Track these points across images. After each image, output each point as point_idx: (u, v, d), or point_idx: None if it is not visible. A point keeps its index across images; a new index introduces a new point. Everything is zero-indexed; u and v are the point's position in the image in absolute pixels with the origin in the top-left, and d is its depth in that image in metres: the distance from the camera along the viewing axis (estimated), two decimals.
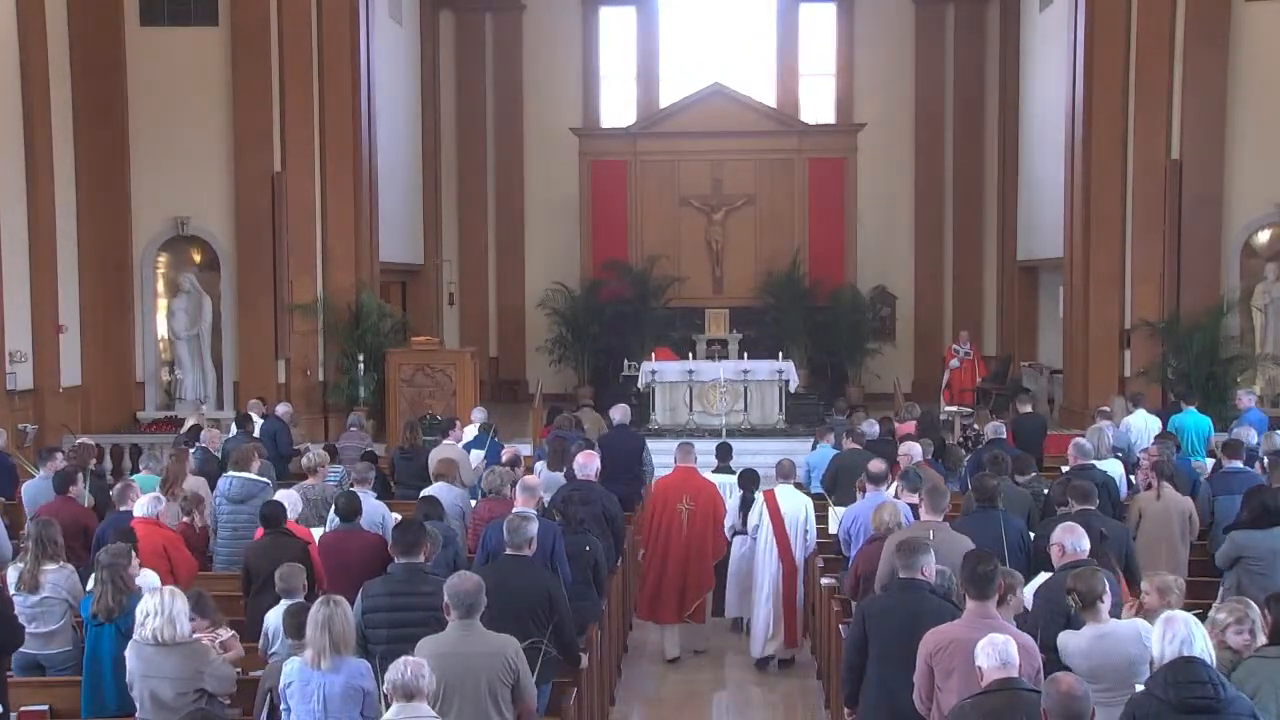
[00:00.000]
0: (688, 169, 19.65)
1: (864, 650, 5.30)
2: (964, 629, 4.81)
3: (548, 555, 6.57)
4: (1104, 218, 15.54)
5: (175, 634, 5.13)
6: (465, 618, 4.90)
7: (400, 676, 4.33)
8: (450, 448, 9.89)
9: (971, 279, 20.82)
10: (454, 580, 4.96)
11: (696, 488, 8.95)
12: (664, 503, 8.92)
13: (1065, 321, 16.65)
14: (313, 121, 15.62)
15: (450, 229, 21.12)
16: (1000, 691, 4.28)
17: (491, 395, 19.92)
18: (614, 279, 19.28)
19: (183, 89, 15.48)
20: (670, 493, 8.94)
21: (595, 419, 12.46)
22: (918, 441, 9.41)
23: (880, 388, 19.04)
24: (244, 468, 8.42)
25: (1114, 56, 15.37)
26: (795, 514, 8.63)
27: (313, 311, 15.72)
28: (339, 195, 15.88)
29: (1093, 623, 5.01)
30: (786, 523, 8.58)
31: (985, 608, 4.87)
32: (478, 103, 21.07)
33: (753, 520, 8.74)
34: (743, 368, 15.99)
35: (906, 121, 20.80)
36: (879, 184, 20.31)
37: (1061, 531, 5.77)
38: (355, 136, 15.96)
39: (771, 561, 8.60)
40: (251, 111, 15.32)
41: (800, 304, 18.87)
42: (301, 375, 15.77)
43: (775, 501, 8.70)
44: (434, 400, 14.82)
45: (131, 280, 15.68)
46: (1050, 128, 17.38)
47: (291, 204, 15.51)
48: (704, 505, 8.87)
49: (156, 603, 5.15)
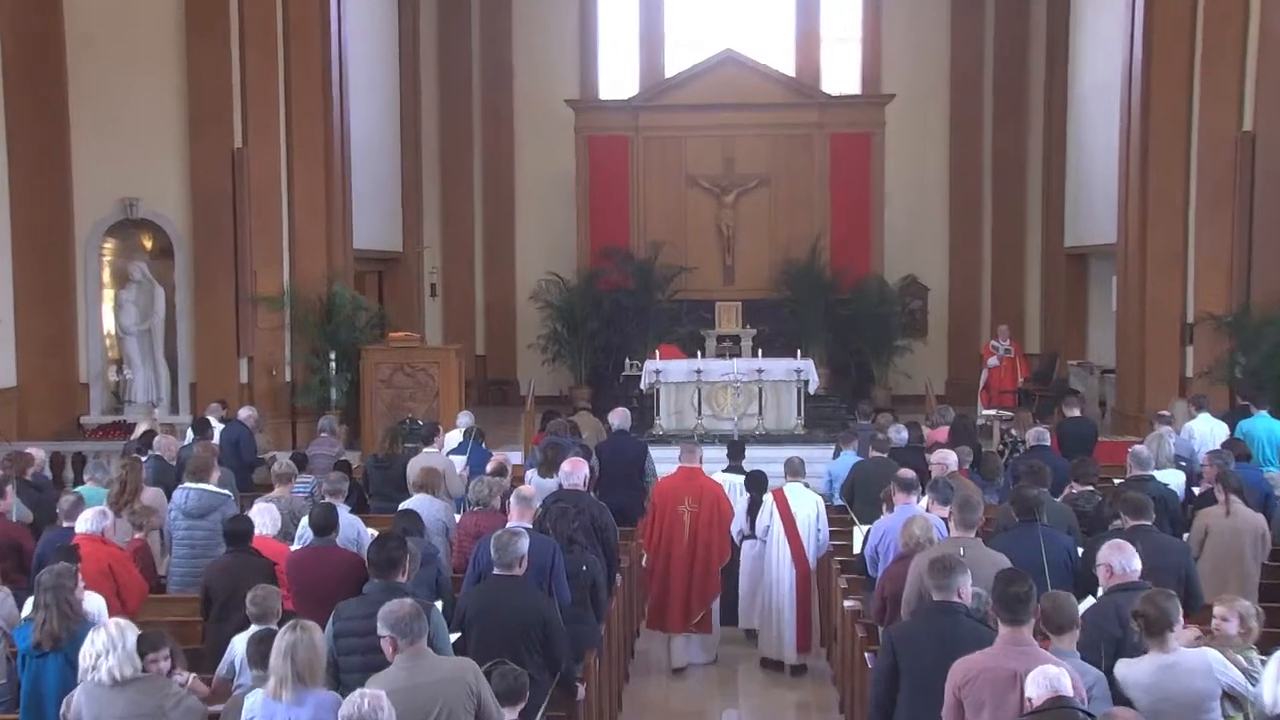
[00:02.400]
0: (696, 146, 19.64)
1: (894, 682, 5.25)
2: (994, 657, 4.78)
3: (545, 575, 6.60)
4: (1164, 197, 15.45)
5: (135, 669, 5.12)
6: (413, 645, 4.88)
7: (357, 711, 4.29)
8: (433, 456, 9.92)
9: (1012, 268, 20.80)
10: (389, 607, 4.93)
11: (700, 489, 9.11)
12: (665, 505, 9.11)
13: (1119, 314, 16.60)
14: (278, 91, 15.59)
15: (432, 213, 21.12)
16: (1052, 711, 4.27)
17: (478, 397, 19.97)
18: (614, 269, 19.29)
19: (130, 51, 15.37)
20: (671, 495, 9.12)
21: (593, 424, 12.49)
22: (951, 449, 9.41)
23: (910, 389, 19.04)
24: (202, 478, 8.39)
25: (1178, 14, 15.11)
26: (806, 513, 8.89)
27: (279, 304, 15.72)
28: (308, 174, 15.86)
29: (1158, 652, 4.97)
30: (798, 522, 8.82)
31: (1019, 633, 4.82)
32: (462, 72, 21.06)
33: (762, 522, 9.00)
34: (757, 367, 15.99)
35: (940, 92, 20.77)
36: (909, 162, 20.29)
37: (1109, 550, 5.74)
38: (326, 109, 15.93)
39: (784, 564, 8.82)
40: (209, 79, 15.25)
41: (821, 296, 18.87)
42: (266, 375, 15.75)
43: (785, 500, 8.92)
44: (414, 403, 14.80)
45: (73, 269, 15.63)
46: (1103, 96, 17.33)
47: (254, 184, 15.47)
48: (708, 508, 9.04)
49: (106, 640, 5.11)
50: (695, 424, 15.85)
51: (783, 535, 8.94)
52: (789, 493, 9.03)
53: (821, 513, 9.03)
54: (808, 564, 8.96)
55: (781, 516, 8.91)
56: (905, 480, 7.78)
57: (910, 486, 7.73)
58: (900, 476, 7.86)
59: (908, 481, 7.77)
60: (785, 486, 9.10)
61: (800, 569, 8.93)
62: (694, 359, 16.47)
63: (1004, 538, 6.97)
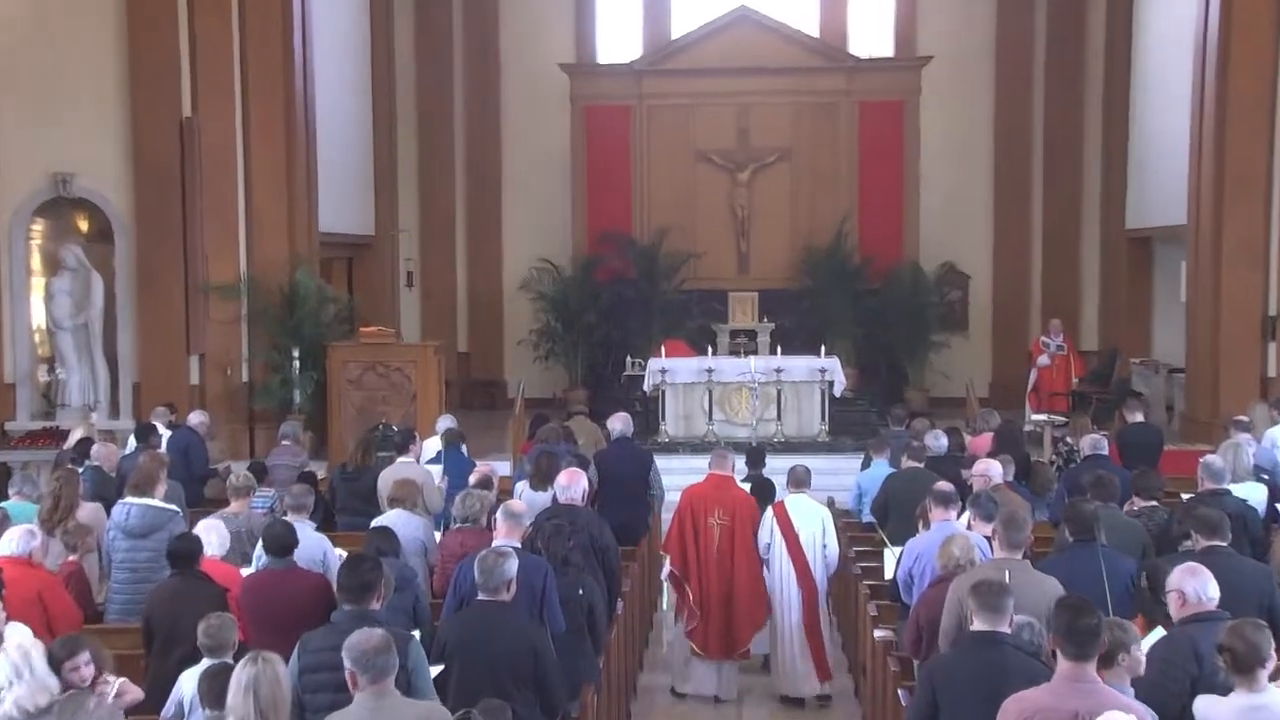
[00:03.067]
0: (707, 117, 19.64)
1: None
2: (1054, 696, 4.74)
3: (536, 600, 6.60)
4: (1242, 174, 15.43)
5: (52, 693, 5.09)
6: (376, 683, 4.86)
7: None
8: (408, 466, 9.94)
9: (1066, 253, 20.77)
10: (355, 637, 4.91)
11: (733, 501, 9.17)
12: (693, 515, 9.15)
13: (1189, 307, 16.59)
14: (232, 52, 15.60)
15: (408, 192, 21.14)
16: None
17: (461, 400, 19.97)
18: (614, 255, 19.31)
19: (61, 2, 15.29)
20: (701, 504, 9.16)
21: (590, 430, 12.53)
22: (995, 459, 9.39)
23: (948, 391, 19.03)
24: (146, 492, 8.37)
25: None
26: (810, 528, 8.99)
27: (234, 294, 15.73)
28: (267, 147, 15.86)
29: (1246, 691, 4.95)
30: (801, 539, 8.93)
31: (1082, 670, 4.80)
32: (442, 34, 21.07)
33: (763, 539, 9.10)
34: (775, 366, 15.99)
35: (985, 55, 20.74)
36: (948, 134, 20.27)
37: (1182, 575, 5.71)
38: (287, 72, 15.93)
39: (790, 585, 8.95)
40: (153, 36, 15.22)
41: (847, 286, 18.89)
42: (220, 375, 15.78)
43: (786, 514, 9.01)
44: (388, 407, 14.81)
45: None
46: (1173, 61, 17.29)
47: (206, 157, 15.47)
48: (742, 522, 9.10)
49: (9, 670, 5.07)
50: (706, 430, 15.88)
51: (785, 553, 9.01)
52: (790, 506, 9.09)
53: (829, 528, 9.09)
54: (815, 585, 9.03)
55: (783, 532, 8.99)
56: (943, 493, 7.76)
57: (949, 500, 7.72)
58: (937, 489, 7.85)
59: (946, 495, 7.75)
60: (787, 499, 9.17)
61: (806, 591, 9.01)
62: (704, 357, 16.48)
63: (1057, 559, 6.93)
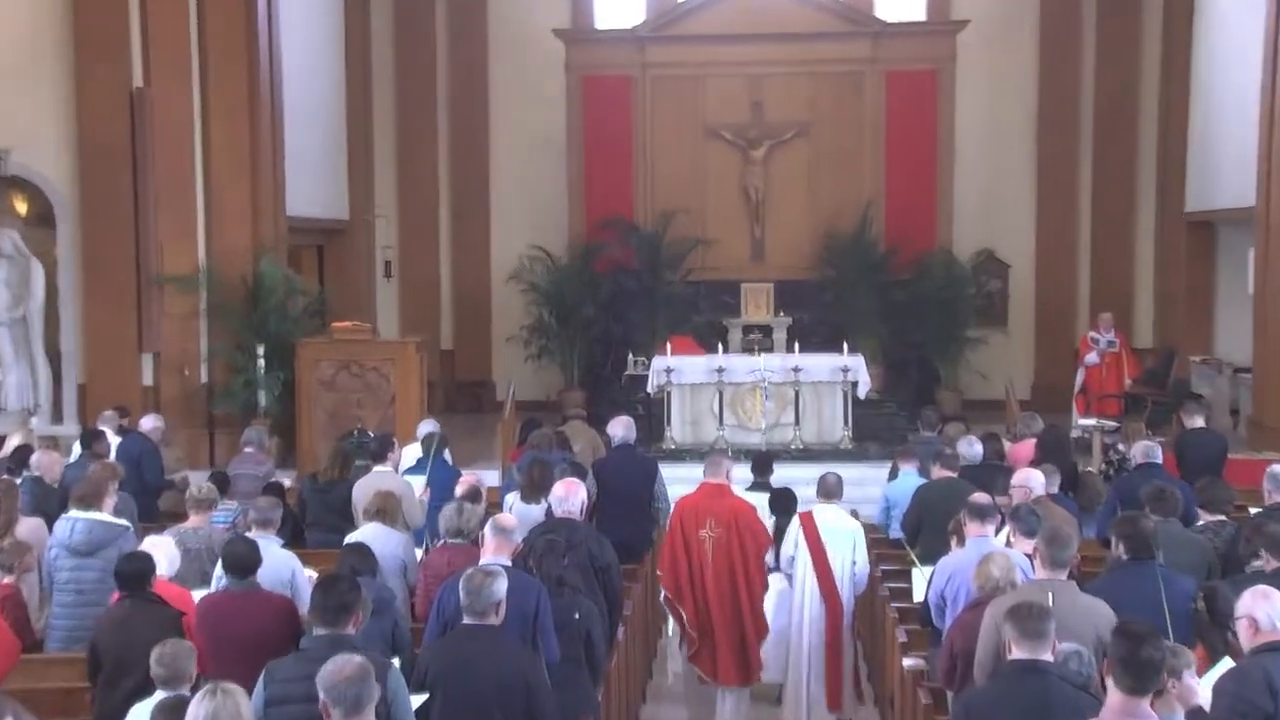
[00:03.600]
0: (717, 88, 19.65)
1: None
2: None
3: (528, 625, 6.61)
4: None
5: None
6: (352, 715, 4.85)
7: None
8: (386, 476, 9.93)
9: (1118, 240, 20.72)
10: (329, 666, 4.93)
11: (724, 510, 9.17)
12: (682, 529, 9.22)
13: (1257, 299, 16.56)
14: (188, 16, 15.60)
15: (386, 173, 21.14)
16: None
17: (445, 403, 20.00)
18: (614, 243, 19.34)
19: None
20: (691, 516, 9.22)
21: (588, 435, 12.57)
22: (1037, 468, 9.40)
23: (985, 392, 19.05)
24: (93, 505, 8.40)
25: None
26: (840, 543, 9.06)
27: (192, 285, 15.74)
28: (228, 123, 15.86)
29: None
30: (830, 554, 9.01)
31: (1137, 704, 4.80)
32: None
33: (786, 552, 9.21)
34: (792, 365, 15.99)
35: (1028, 19, 20.71)
36: (986, 108, 20.29)
37: (1253, 599, 5.70)
38: (250, 39, 15.92)
39: (813, 604, 9.03)
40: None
41: (873, 276, 18.89)
42: (177, 375, 15.78)
43: (814, 526, 9.07)
44: (364, 411, 14.86)
45: None
46: (1242, 20, 17.23)
47: (159, 133, 15.46)
48: (736, 532, 9.10)
49: None
50: (716, 436, 15.84)
51: (810, 569, 9.08)
52: (819, 517, 9.17)
53: (860, 543, 9.21)
54: (840, 605, 9.12)
55: (810, 546, 9.05)
56: (979, 506, 7.76)
57: (986, 514, 7.72)
58: (974, 502, 7.85)
59: (982, 508, 7.74)
60: (815, 509, 9.27)
61: (831, 610, 9.08)
62: (714, 355, 16.48)
63: (1108, 580, 6.94)
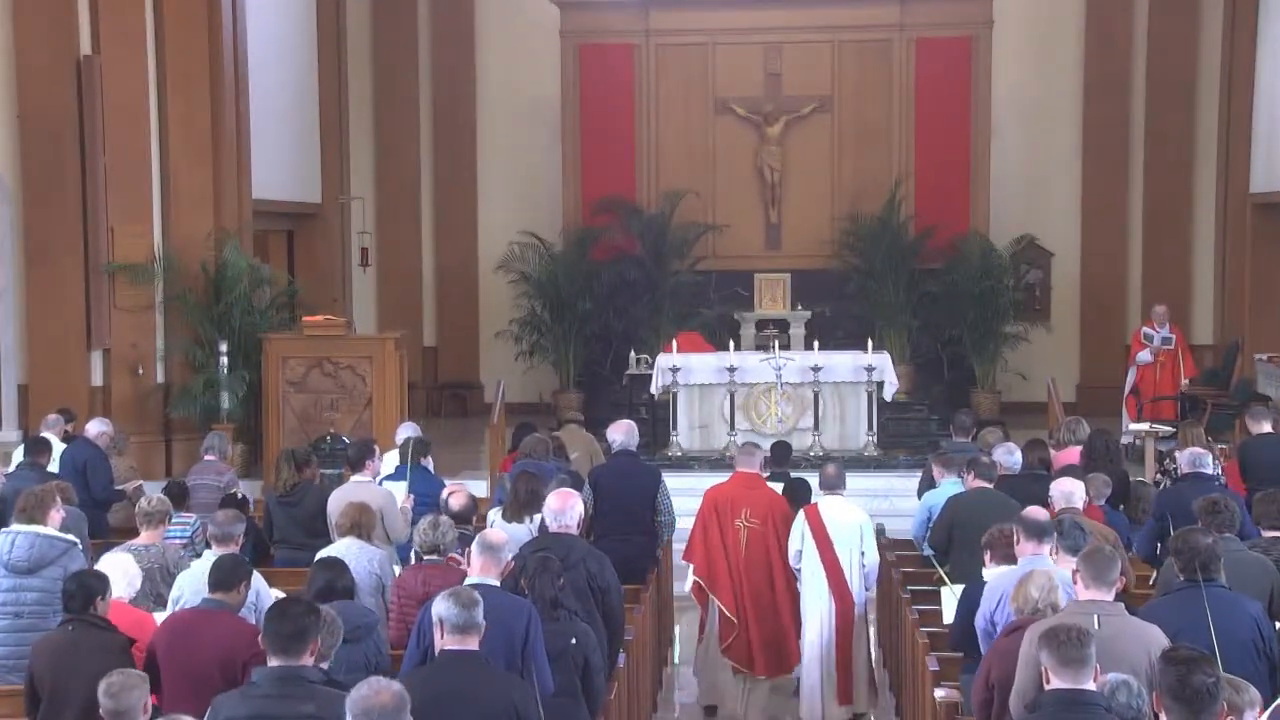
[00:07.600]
0: (728, 57, 19.73)
1: None
2: None
3: (518, 651, 6.65)
4: None
5: None
6: None
7: None
8: (364, 486, 9.95)
9: (1174, 226, 20.64)
10: (363, 693, 4.88)
11: (764, 500, 9.95)
12: (717, 517, 9.91)
13: None
14: None
15: (363, 152, 21.20)
16: None
17: (427, 405, 20.13)
18: (615, 228, 19.42)
19: None
20: (727, 505, 9.90)
21: (585, 441, 12.68)
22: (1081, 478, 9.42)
23: (1026, 394, 19.07)
24: (36, 518, 8.41)
25: None
26: (847, 535, 9.69)
27: (147, 275, 15.74)
28: (187, 96, 15.89)
29: None
30: (837, 547, 9.61)
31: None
32: None
33: (794, 545, 9.78)
34: (812, 363, 15.94)
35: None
36: (1027, 79, 20.28)
37: None
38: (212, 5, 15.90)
39: (822, 599, 9.65)
40: None
41: (901, 265, 18.94)
42: (129, 375, 15.81)
43: (820, 519, 9.62)
44: (338, 413, 14.97)
45: None
46: None
47: (110, 108, 15.48)
48: (772, 524, 9.84)
49: None
50: (726, 442, 15.79)
51: (818, 562, 9.63)
52: (825, 510, 9.71)
53: (868, 534, 9.80)
54: (851, 600, 9.70)
55: (816, 539, 9.60)
56: (1034, 524, 7.73)
57: (1042, 532, 7.69)
58: (1028, 518, 7.82)
59: (1038, 525, 7.72)
60: (820, 502, 9.86)
61: (840, 604, 9.66)
62: (725, 353, 16.40)
63: (1161, 603, 6.97)
